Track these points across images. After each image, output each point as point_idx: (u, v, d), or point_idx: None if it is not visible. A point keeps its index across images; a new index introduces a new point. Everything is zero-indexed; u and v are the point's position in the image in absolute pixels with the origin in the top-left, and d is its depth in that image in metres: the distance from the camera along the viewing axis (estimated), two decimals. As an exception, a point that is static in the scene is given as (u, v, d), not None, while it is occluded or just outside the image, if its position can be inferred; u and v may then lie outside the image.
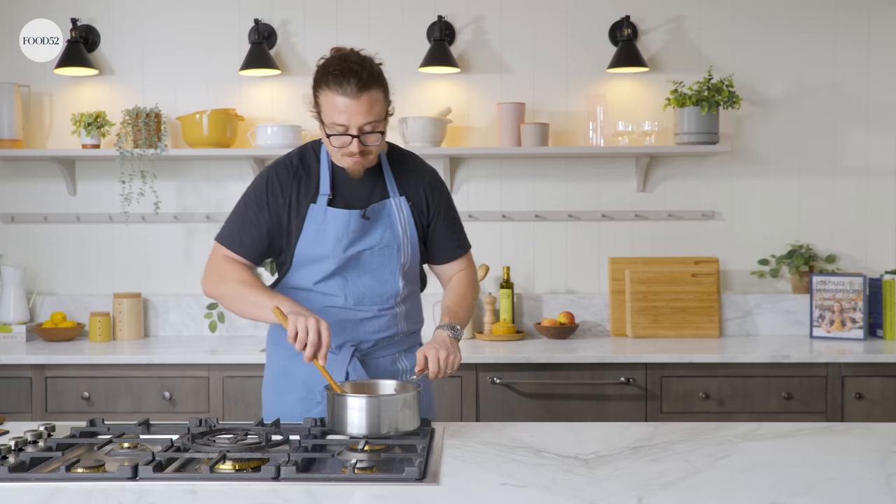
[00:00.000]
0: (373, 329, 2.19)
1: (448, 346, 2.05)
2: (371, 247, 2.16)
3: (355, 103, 1.99)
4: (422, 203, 2.22)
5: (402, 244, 2.18)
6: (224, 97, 3.87)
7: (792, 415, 3.22)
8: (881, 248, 3.88)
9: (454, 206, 2.32)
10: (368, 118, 2.02)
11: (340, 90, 1.99)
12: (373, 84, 2.01)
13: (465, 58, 3.85)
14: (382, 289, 2.19)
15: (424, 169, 2.27)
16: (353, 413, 1.85)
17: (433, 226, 2.25)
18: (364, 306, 2.18)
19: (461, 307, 2.22)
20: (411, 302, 2.27)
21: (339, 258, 2.14)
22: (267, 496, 1.52)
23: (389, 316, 2.21)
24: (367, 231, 2.15)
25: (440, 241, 2.27)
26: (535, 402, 3.26)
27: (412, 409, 1.89)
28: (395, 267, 2.19)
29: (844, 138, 3.87)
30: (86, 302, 3.88)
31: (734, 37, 3.85)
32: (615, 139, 3.78)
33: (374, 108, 2.02)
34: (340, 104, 2.00)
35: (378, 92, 2.03)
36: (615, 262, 3.83)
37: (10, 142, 3.71)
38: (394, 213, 2.18)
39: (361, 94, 1.99)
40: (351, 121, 2.01)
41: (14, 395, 3.31)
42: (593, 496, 1.52)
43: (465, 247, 2.33)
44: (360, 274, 2.17)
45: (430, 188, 2.24)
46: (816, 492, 1.55)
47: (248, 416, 3.27)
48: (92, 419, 1.99)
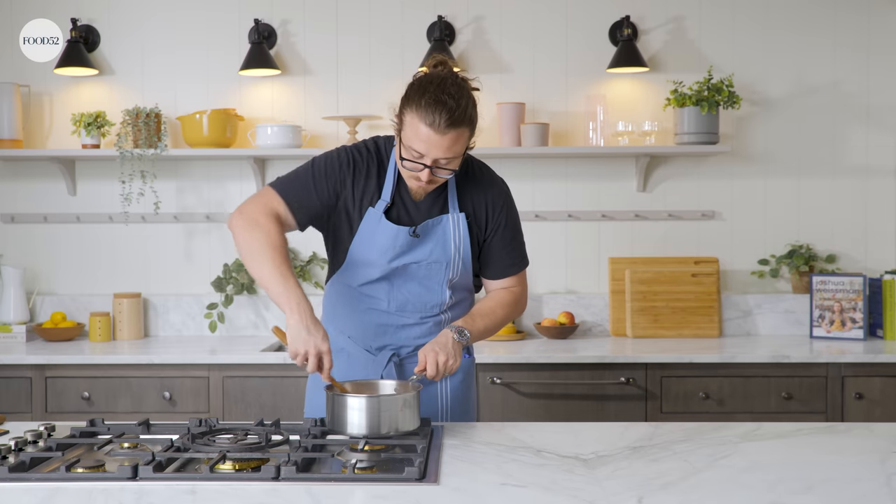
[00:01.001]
0: (414, 335, 2.17)
1: (448, 349, 2.02)
2: (418, 261, 2.11)
3: (439, 139, 1.93)
4: (480, 218, 2.14)
5: (451, 260, 2.12)
6: (224, 97, 3.87)
7: (792, 415, 3.22)
8: (881, 248, 3.88)
9: (516, 223, 2.21)
10: (447, 154, 1.96)
11: (428, 120, 1.91)
12: (463, 122, 1.93)
13: (465, 58, 3.85)
14: (428, 297, 2.15)
15: (490, 182, 2.17)
16: (353, 413, 1.84)
17: (489, 241, 2.17)
18: (406, 313, 2.15)
19: (483, 318, 2.15)
20: (460, 308, 2.21)
21: (385, 268, 2.11)
22: (267, 496, 1.52)
23: (433, 323, 2.17)
24: (416, 246, 2.10)
25: (493, 258, 2.19)
26: (535, 402, 3.26)
27: (412, 409, 1.89)
28: (442, 279, 2.14)
29: (844, 138, 3.87)
30: (86, 302, 3.88)
31: (734, 37, 3.85)
32: (615, 139, 3.78)
33: (456, 146, 1.96)
34: (423, 133, 1.93)
35: (465, 129, 1.96)
36: (615, 262, 3.83)
37: (10, 142, 3.71)
38: (449, 229, 2.11)
39: (448, 130, 1.92)
40: (429, 152, 1.95)
41: (14, 395, 3.31)
42: (593, 496, 1.52)
43: (518, 266, 2.23)
44: (406, 280, 2.13)
45: (492, 204, 2.15)
46: (816, 492, 1.55)
47: (248, 416, 3.27)
48: (92, 419, 1.99)
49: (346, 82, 3.84)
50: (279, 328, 1.97)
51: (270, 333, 3.83)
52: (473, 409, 2.28)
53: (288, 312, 1.91)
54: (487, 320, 2.15)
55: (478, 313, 2.15)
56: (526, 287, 2.28)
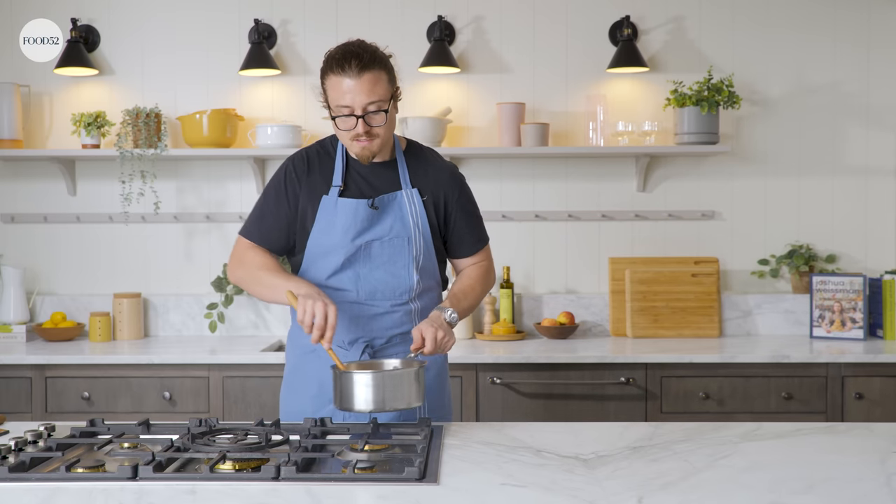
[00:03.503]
0: (386, 325, 2.20)
1: (445, 326, 2.07)
2: (380, 237, 2.16)
3: (357, 83, 2.03)
4: (438, 198, 2.22)
5: (412, 236, 2.18)
6: (224, 97, 3.87)
7: (792, 415, 3.22)
8: (881, 248, 3.88)
9: (473, 201, 2.32)
10: (371, 97, 2.04)
11: (343, 72, 2.04)
12: (374, 64, 2.05)
13: (465, 58, 3.85)
14: (396, 283, 2.18)
15: (442, 165, 2.27)
16: (360, 388, 1.87)
17: (451, 222, 2.25)
18: (377, 301, 2.18)
19: (465, 296, 2.23)
20: (428, 298, 2.26)
21: (348, 248, 2.15)
22: (267, 496, 1.52)
23: (403, 312, 2.20)
24: (376, 221, 2.15)
25: (458, 237, 2.28)
26: (535, 402, 3.26)
27: (419, 383, 1.92)
28: (407, 260, 2.18)
29: (844, 138, 3.87)
30: (86, 302, 3.88)
31: (734, 37, 3.85)
32: (615, 139, 3.78)
33: (377, 88, 2.05)
34: (343, 85, 2.04)
35: (380, 72, 2.06)
36: (615, 262, 3.83)
37: (10, 142, 3.71)
38: (404, 204, 2.18)
39: (363, 73, 2.03)
40: (354, 101, 2.04)
41: (14, 395, 3.31)
42: (593, 496, 1.52)
43: (483, 241, 2.34)
44: (372, 268, 2.17)
45: (448, 184, 2.24)
46: (816, 492, 1.55)
47: (248, 416, 3.27)
48: (92, 419, 1.99)
49: (346, 82, 3.84)
50: (292, 292, 2.03)
51: (271, 333, 3.84)
52: (449, 405, 2.33)
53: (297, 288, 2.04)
54: (470, 298, 2.25)
55: (460, 293, 2.23)
56: (492, 260, 2.41)
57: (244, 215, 3.86)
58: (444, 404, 2.30)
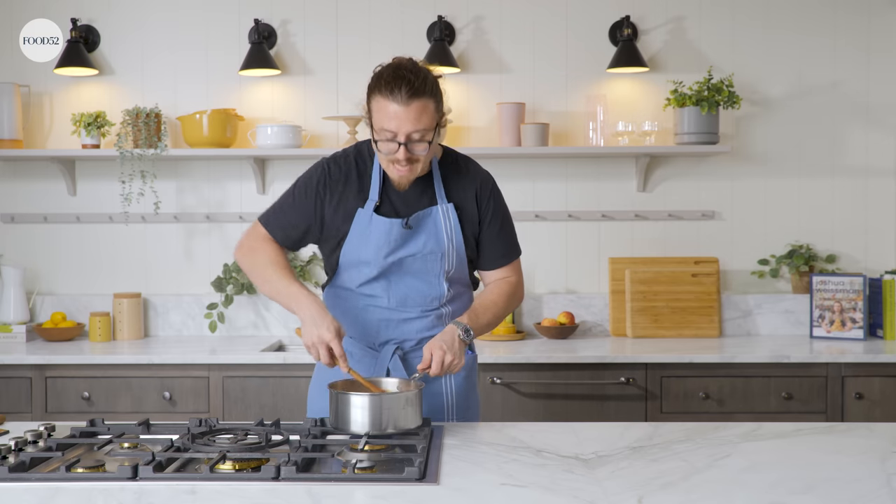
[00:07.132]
0: (416, 329, 2.20)
1: (455, 348, 2.05)
2: (413, 254, 2.15)
3: (405, 110, 1.99)
4: (471, 210, 2.19)
5: (446, 252, 2.16)
6: (224, 97, 3.87)
7: (792, 415, 3.22)
8: (881, 248, 3.88)
9: (506, 213, 2.26)
10: (417, 126, 2.01)
11: (391, 96, 1.99)
12: (424, 93, 2.01)
13: (465, 58, 3.85)
14: (427, 290, 2.18)
15: (476, 174, 2.23)
16: (357, 411, 1.86)
17: (482, 232, 2.22)
18: (407, 308, 2.18)
19: (485, 312, 2.18)
20: (459, 302, 2.25)
21: (381, 265, 2.14)
22: (267, 496, 1.52)
23: (434, 316, 2.20)
24: (410, 238, 2.14)
25: (486, 249, 2.24)
26: (535, 402, 3.26)
27: (414, 407, 1.90)
28: (439, 272, 2.17)
29: (844, 138, 3.87)
30: (86, 302, 3.88)
31: (734, 37, 3.85)
32: (615, 139, 3.78)
33: (424, 117, 2.02)
34: (390, 110, 2.00)
35: (429, 101, 2.03)
36: (615, 262, 3.83)
37: (10, 142, 3.71)
38: (439, 220, 2.15)
39: (412, 101, 1.99)
40: (399, 128, 2.01)
41: (14, 395, 3.31)
42: (593, 496, 1.52)
43: (511, 256, 2.27)
44: (402, 276, 2.17)
45: (480, 194, 2.20)
46: (816, 492, 1.55)
47: (248, 416, 3.27)
48: (92, 419, 1.99)
49: (346, 82, 3.84)
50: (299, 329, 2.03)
51: (271, 333, 3.85)
52: (476, 406, 2.31)
53: (297, 311, 2.03)
54: (490, 314, 2.20)
55: (480, 308, 2.19)
56: (521, 276, 2.32)
57: (244, 215, 3.86)
58: (472, 405, 2.28)
